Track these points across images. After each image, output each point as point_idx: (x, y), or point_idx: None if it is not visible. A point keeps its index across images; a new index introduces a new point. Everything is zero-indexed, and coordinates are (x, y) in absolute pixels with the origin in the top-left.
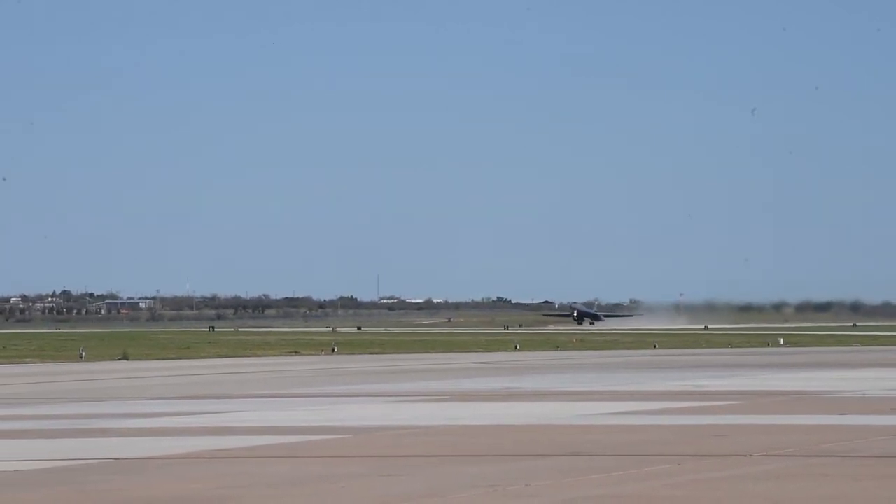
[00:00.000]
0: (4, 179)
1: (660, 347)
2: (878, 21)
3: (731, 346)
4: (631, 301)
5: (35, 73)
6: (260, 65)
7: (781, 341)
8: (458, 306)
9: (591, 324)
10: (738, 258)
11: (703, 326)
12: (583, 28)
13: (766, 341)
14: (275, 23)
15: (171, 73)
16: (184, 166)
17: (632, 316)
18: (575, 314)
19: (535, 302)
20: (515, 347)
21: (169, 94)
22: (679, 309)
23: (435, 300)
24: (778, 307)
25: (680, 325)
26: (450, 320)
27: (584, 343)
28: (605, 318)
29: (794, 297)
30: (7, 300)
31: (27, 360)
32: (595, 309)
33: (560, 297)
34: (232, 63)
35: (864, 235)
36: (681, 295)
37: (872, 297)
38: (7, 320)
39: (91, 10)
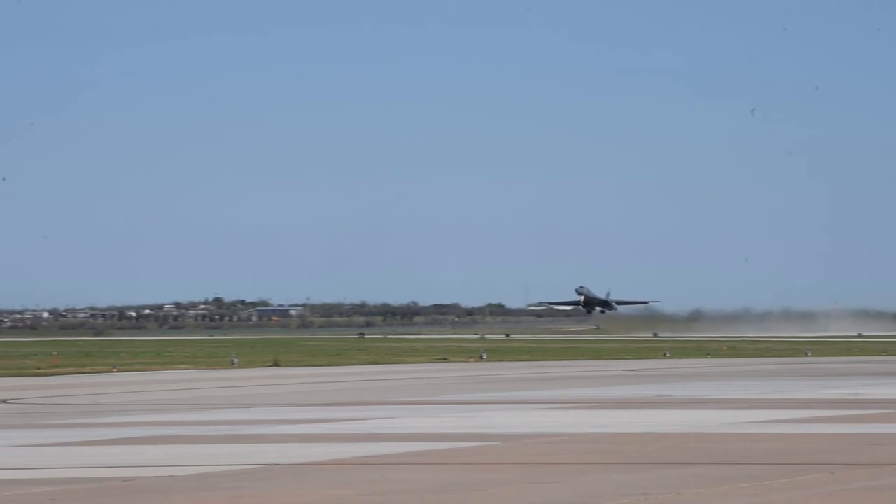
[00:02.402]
0: (4, 179)
1: (812, 355)
2: (878, 21)
3: (886, 353)
4: (743, 309)
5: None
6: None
7: None
8: (607, 315)
9: (602, 312)
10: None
11: (856, 334)
12: (582, 30)
13: None
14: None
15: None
16: (337, 174)
17: (647, 304)
18: (583, 301)
19: (684, 311)
20: (665, 355)
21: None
22: (831, 316)
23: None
24: None
25: (787, 332)
26: (598, 327)
27: (735, 350)
28: (618, 307)
29: None
30: (161, 307)
31: (180, 366)
32: (609, 296)
33: (709, 304)
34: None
35: None
36: (835, 302)
37: None
38: (161, 327)
39: (93, 12)
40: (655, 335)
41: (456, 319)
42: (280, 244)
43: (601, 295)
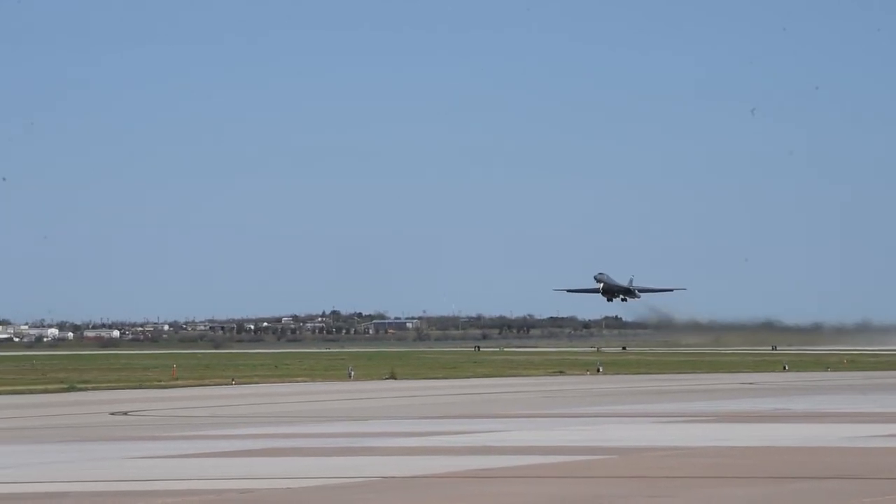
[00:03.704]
0: (4, 179)
1: None
2: (878, 21)
3: None
4: (864, 322)
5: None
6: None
7: None
8: (725, 327)
9: (624, 300)
10: None
11: None
12: (581, 30)
13: None
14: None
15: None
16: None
17: (672, 290)
18: (602, 288)
19: (804, 324)
20: (784, 368)
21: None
22: None
23: (701, 321)
24: None
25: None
26: (717, 340)
27: (855, 363)
28: (642, 294)
29: None
30: (279, 320)
31: (298, 378)
32: (632, 283)
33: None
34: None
35: None
36: None
37: None
38: (279, 340)
39: (99, 13)
40: (774, 348)
41: (572, 332)
42: (397, 257)
43: (623, 282)
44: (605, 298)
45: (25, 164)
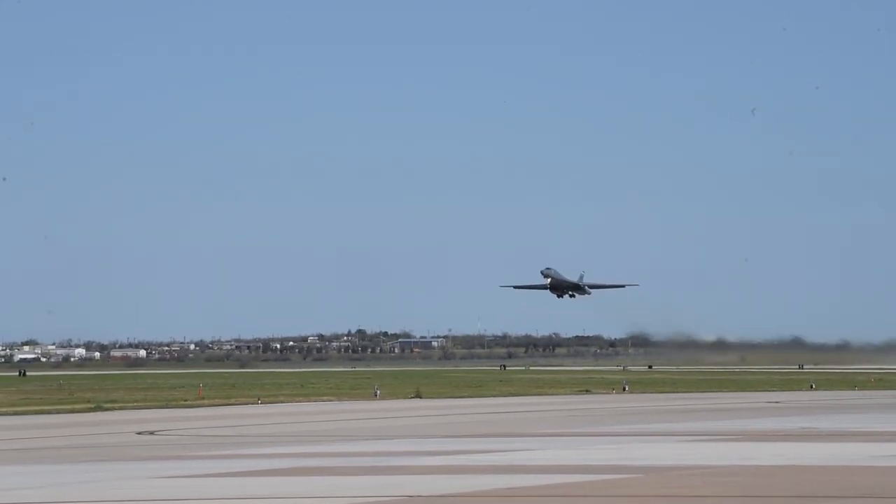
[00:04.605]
0: (4, 179)
1: None
2: (878, 21)
3: None
4: (892, 340)
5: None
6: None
7: None
8: (751, 346)
9: (572, 296)
10: None
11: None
12: (580, 29)
13: None
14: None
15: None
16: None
17: (624, 287)
18: (549, 283)
19: (831, 342)
20: (811, 387)
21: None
22: None
23: (728, 339)
24: None
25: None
26: (743, 359)
27: (883, 382)
28: (592, 291)
29: None
30: (305, 339)
31: (324, 397)
32: (582, 279)
33: (857, 336)
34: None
35: None
36: None
37: None
38: (305, 359)
39: (102, 17)
40: (801, 367)
41: (598, 351)
42: (423, 276)
43: (573, 278)
44: (555, 295)
45: (59, 188)
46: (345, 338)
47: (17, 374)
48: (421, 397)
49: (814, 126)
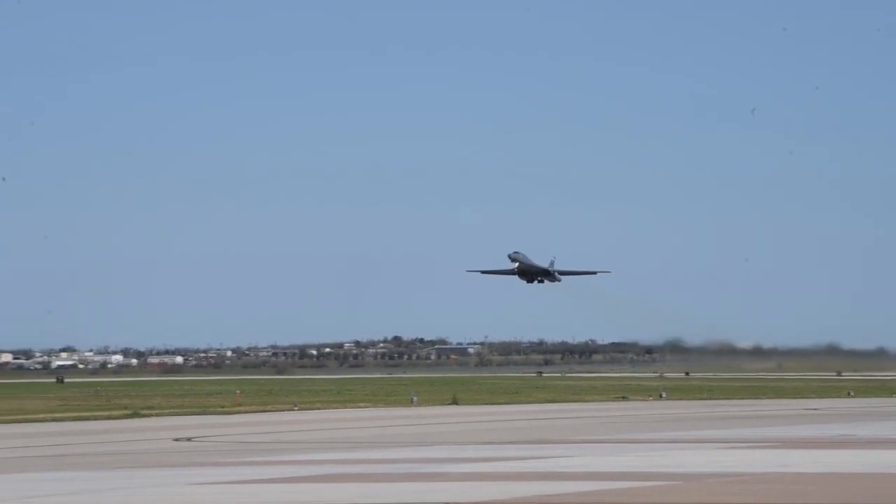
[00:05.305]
0: (4, 179)
1: None
2: (878, 21)
3: None
4: None
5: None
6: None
7: None
8: (788, 352)
9: (541, 282)
10: None
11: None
12: (579, 30)
13: None
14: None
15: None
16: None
17: (595, 273)
18: (517, 268)
19: (868, 349)
20: (849, 394)
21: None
22: None
23: (765, 345)
24: None
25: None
26: (780, 365)
27: None
28: (562, 278)
29: None
30: (341, 346)
31: (361, 404)
32: (553, 265)
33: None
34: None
35: None
36: None
37: None
38: (341, 365)
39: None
40: (839, 373)
41: (634, 357)
42: (458, 283)
43: (543, 263)
44: (524, 280)
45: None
46: (381, 344)
47: (55, 380)
48: (457, 404)
49: (814, 126)
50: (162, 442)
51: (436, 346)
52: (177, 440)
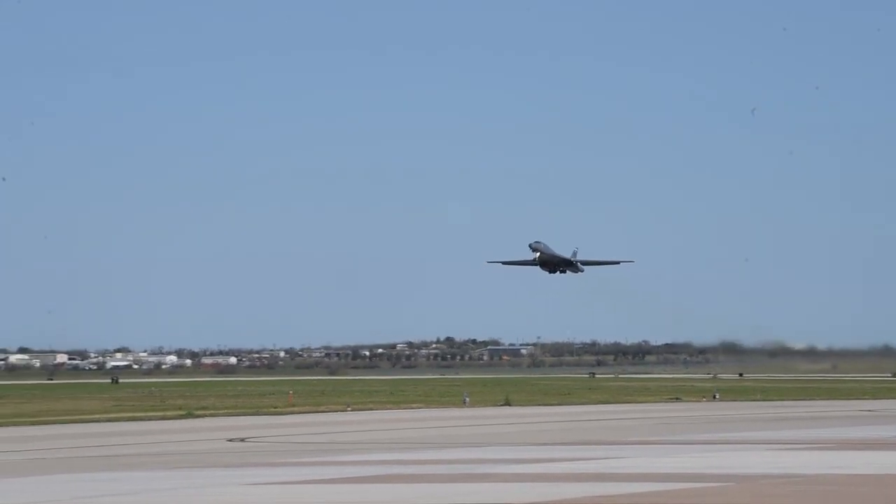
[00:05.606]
0: (4, 179)
1: None
2: (878, 21)
3: None
4: None
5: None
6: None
7: None
8: (842, 353)
9: (563, 272)
10: None
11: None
12: (578, 30)
13: None
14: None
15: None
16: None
17: (619, 263)
18: (538, 258)
19: None
20: None
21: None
22: None
23: (818, 346)
24: None
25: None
26: (834, 367)
27: None
28: (585, 268)
29: None
30: (393, 347)
31: (413, 405)
32: (575, 256)
33: None
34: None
35: None
36: None
37: None
38: (394, 366)
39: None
40: (894, 375)
41: (688, 358)
42: (511, 284)
43: (565, 253)
44: (546, 271)
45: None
46: (433, 345)
47: (110, 381)
48: (510, 405)
49: (814, 126)
50: (216, 442)
51: (488, 347)
52: (230, 440)
